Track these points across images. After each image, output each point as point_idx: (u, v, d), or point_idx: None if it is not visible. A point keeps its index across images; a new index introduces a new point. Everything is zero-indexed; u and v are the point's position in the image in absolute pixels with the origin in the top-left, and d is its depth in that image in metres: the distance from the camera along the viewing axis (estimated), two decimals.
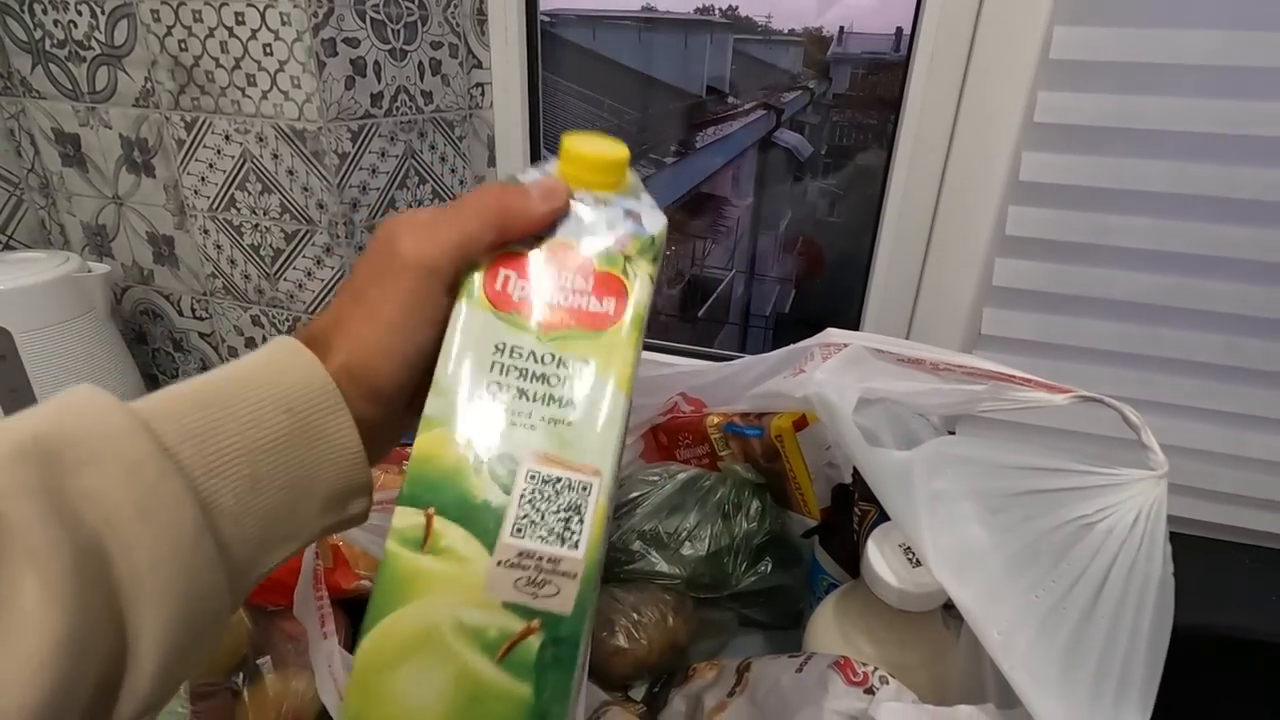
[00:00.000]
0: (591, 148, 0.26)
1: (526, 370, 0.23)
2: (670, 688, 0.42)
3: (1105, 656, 0.25)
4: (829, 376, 0.33)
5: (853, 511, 0.40)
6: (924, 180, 0.68)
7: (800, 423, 0.44)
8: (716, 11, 0.74)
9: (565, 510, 0.21)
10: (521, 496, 0.21)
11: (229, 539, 0.20)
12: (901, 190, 0.70)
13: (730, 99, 0.75)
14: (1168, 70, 0.56)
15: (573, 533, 0.21)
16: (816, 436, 0.48)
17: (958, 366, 0.34)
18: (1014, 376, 0.33)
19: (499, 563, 0.21)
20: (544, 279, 0.24)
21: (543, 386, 0.23)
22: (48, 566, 0.16)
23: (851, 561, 0.43)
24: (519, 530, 0.21)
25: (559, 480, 0.21)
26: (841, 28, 0.69)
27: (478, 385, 0.23)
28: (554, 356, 0.23)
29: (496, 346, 0.23)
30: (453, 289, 0.24)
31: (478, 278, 0.24)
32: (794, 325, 0.82)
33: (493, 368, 0.23)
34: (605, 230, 0.26)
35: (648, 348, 0.26)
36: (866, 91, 0.69)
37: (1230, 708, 0.57)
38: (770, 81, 0.73)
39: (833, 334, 0.38)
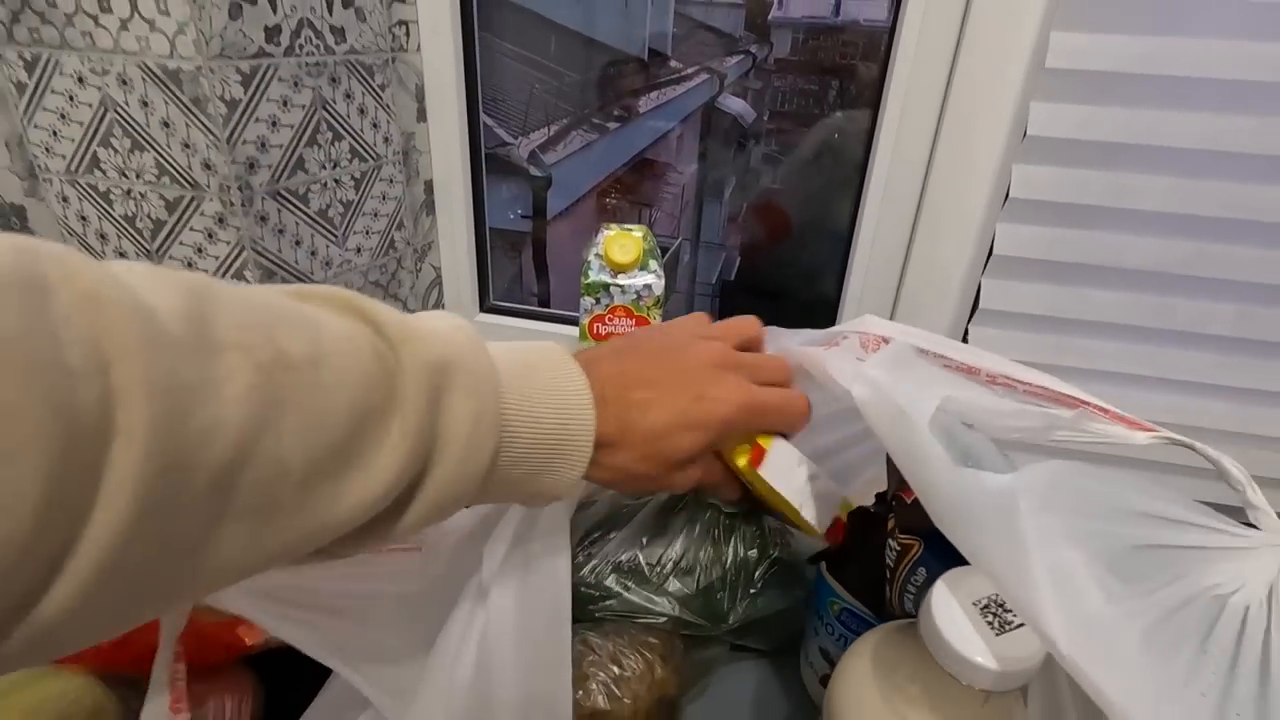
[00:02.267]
0: (623, 256, 0.55)
1: None
2: None
3: None
4: (884, 376, 0.26)
5: (884, 543, 0.32)
6: (914, 140, 0.60)
7: (756, 457, 0.35)
8: None
9: None
10: None
11: (489, 481, 0.28)
12: (889, 151, 0.62)
13: (673, 63, 0.71)
14: (1197, 7, 0.49)
15: None
16: (779, 462, 0.39)
17: (1022, 383, 0.27)
18: (1093, 404, 0.26)
19: None
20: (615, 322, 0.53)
21: None
22: (409, 433, 0.24)
23: (873, 593, 0.36)
24: None
25: None
26: None
27: None
28: None
29: None
30: None
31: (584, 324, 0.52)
32: (741, 293, 0.81)
33: None
34: (635, 294, 0.55)
35: None
36: (808, 56, 0.68)
37: None
38: (712, 46, 0.70)
39: (871, 321, 0.30)
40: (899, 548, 0.31)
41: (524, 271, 0.83)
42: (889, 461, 0.34)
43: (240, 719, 0.40)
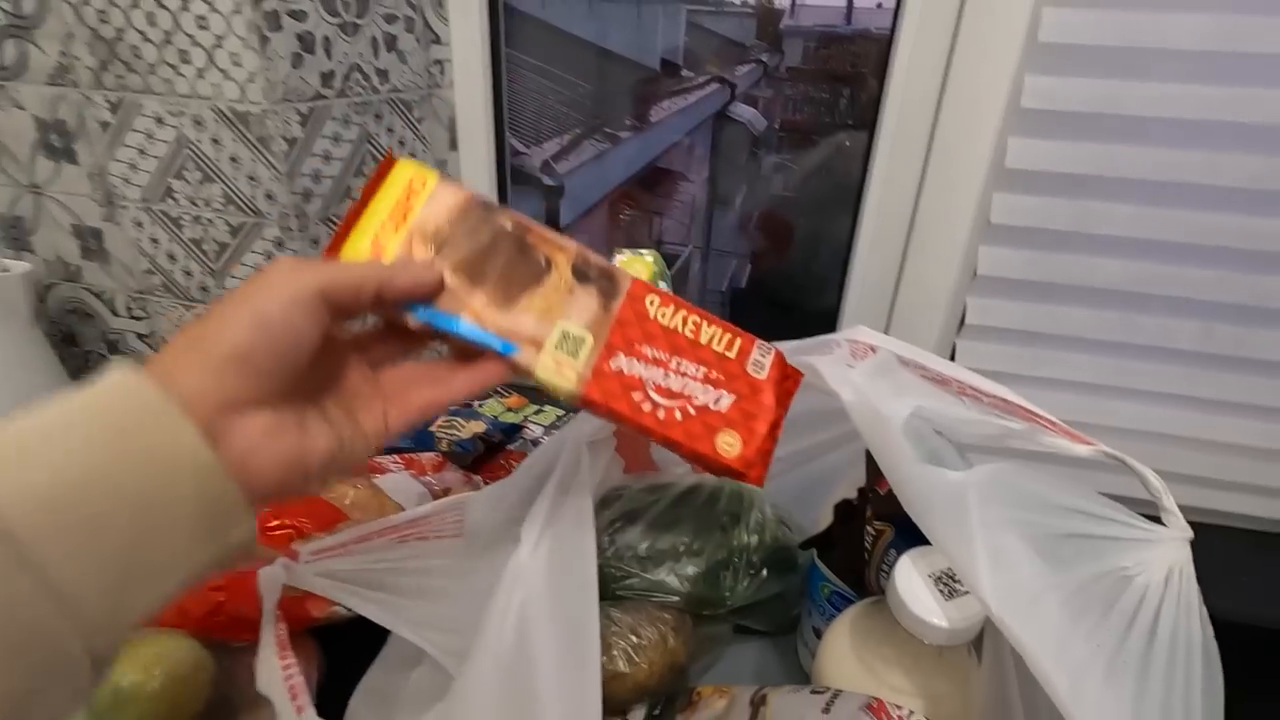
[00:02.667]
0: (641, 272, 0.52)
1: None
2: (673, 713, 0.40)
3: (1166, 713, 0.24)
4: (868, 383, 0.31)
5: (862, 529, 0.38)
6: (906, 166, 0.66)
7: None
8: None
9: None
10: None
11: (71, 593, 0.19)
12: (883, 176, 0.68)
13: (685, 72, 0.74)
14: (1154, 55, 0.55)
15: None
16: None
17: (987, 395, 0.33)
18: (1043, 418, 0.32)
19: None
20: None
21: None
22: None
23: (855, 577, 0.42)
24: None
25: None
26: (793, 0, 0.68)
27: None
28: None
29: None
30: (311, 313, 0.25)
31: None
32: (751, 302, 0.83)
33: None
34: None
35: None
36: (819, 64, 0.69)
37: None
38: (724, 55, 0.72)
39: (863, 331, 0.36)
40: (874, 533, 0.36)
41: None
42: (868, 458, 0.40)
43: (307, 682, 0.46)
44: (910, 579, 0.31)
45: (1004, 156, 0.60)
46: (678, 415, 0.30)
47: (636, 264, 0.66)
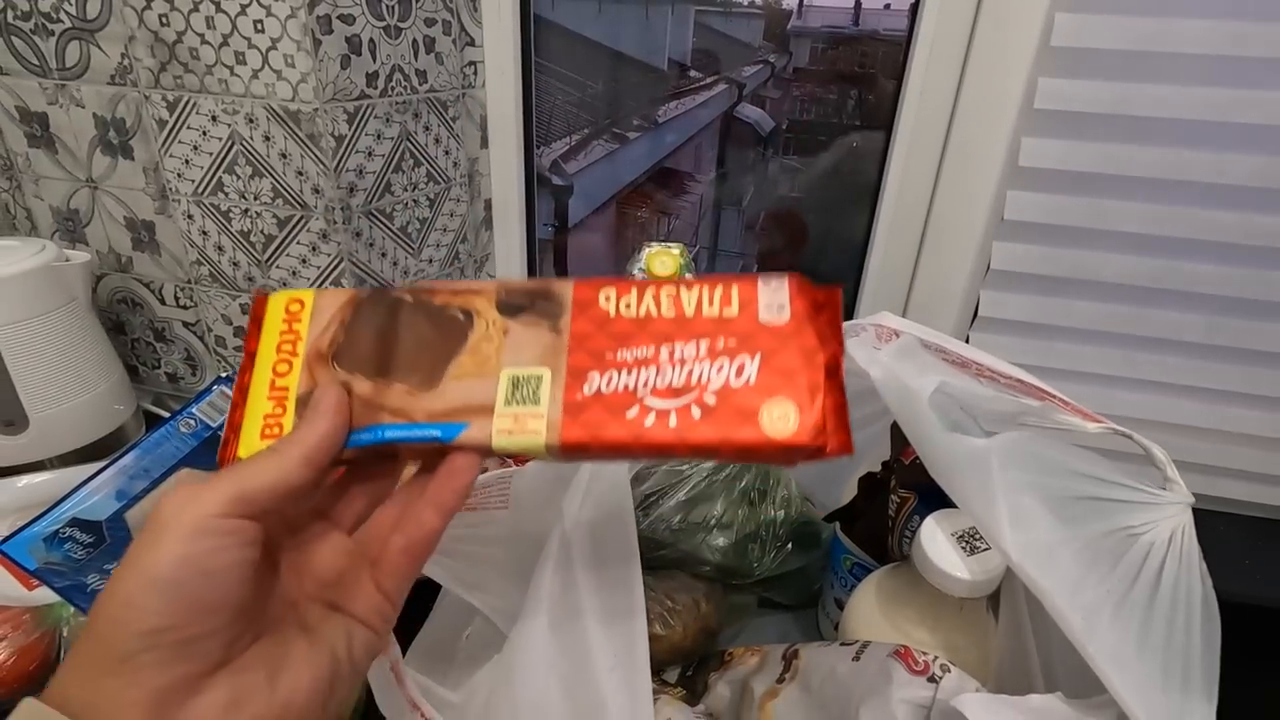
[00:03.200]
0: (663, 270, 0.59)
1: None
2: (707, 672, 0.43)
3: (1168, 652, 0.27)
4: (895, 362, 0.34)
5: (888, 498, 0.41)
6: (923, 165, 0.69)
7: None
8: None
9: None
10: None
11: None
12: (900, 174, 0.70)
13: (692, 73, 0.75)
14: (1164, 58, 0.57)
15: None
16: None
17: (1004, 376, 0.35)
18: (1057, 397, 0.34)
19: None
20: None
21: None
22: None
23: (877, 547, 0.44)
24: None
25: None
26: (800, 0, 0.69)
27: None
28: None
29: None
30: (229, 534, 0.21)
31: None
32: None
33: None
34: None
35: None
36: (826, 65, 0.69)
37: None
38: (731, 55, 0.73)
39: (886, 317, 0.38)
40: (899, 500, 0.39)
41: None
42: (893, 432, 0.42)
43: None
44: (935, 537, 0.33)
45: (1017, 155, 0.63)
46: (695, 412, 0.23)
47: (664, 256, 0.69)
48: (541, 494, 0.45)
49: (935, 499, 0.37)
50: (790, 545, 0.49)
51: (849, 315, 0.81)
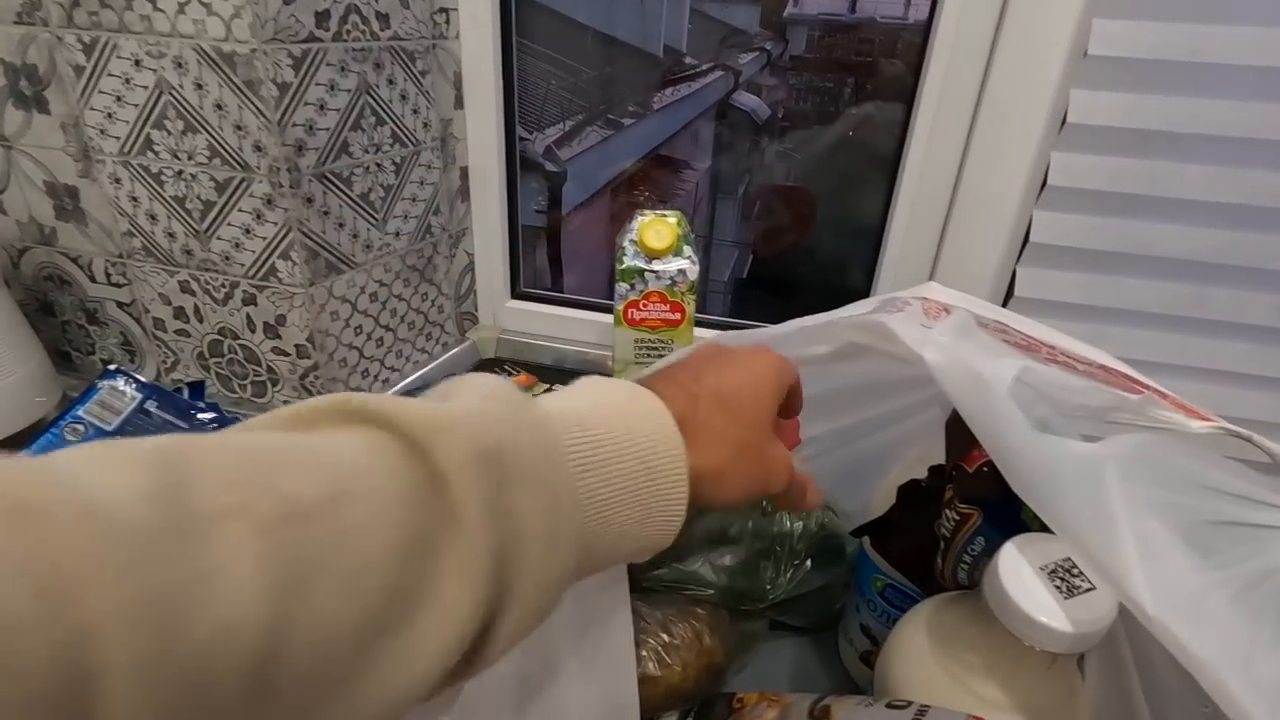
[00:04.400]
0: (658, 241, 0.60)
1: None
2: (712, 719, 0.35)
3: None
4: (955, 343, 0.26)
5: (936, 514, 0.33)
6: (951, 128, 0.61)
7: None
8: None
9: None
10: None
11: (583, 560, 0.24)
12: (925, 138, 0.62)
13: (688, 59, 0.73)
14: None
15: None
16: None
17: (1082, 362, 0.28)
18: (1152, 388, 0.27)
19: None
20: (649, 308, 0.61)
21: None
22: (474, 550, 0.20)
23: (918, 568, 0.37)
24: None
25: None
26: None
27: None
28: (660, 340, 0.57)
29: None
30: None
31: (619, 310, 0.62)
32: (754, 291, 0.83)
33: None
34: (669, 279, 0.61)
35: None
36: (823, 53, 0.68)
37: None
38: (727, 42, 0.71)
39: (934, 289, 0.31)
40: (957, 517, 0.31)
41: (538, 264, 0.85)
42: (949, 431, 0.34)
43: None
44: (1019, 572, 0.25)
45: (1065, 111, 0.55)
46: None
47: (659, 226, 0.61)
48: None
49: (1005, 517, 0.29)
50: (810, 562, 0.42)
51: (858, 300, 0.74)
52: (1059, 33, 0.54)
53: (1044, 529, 0.31)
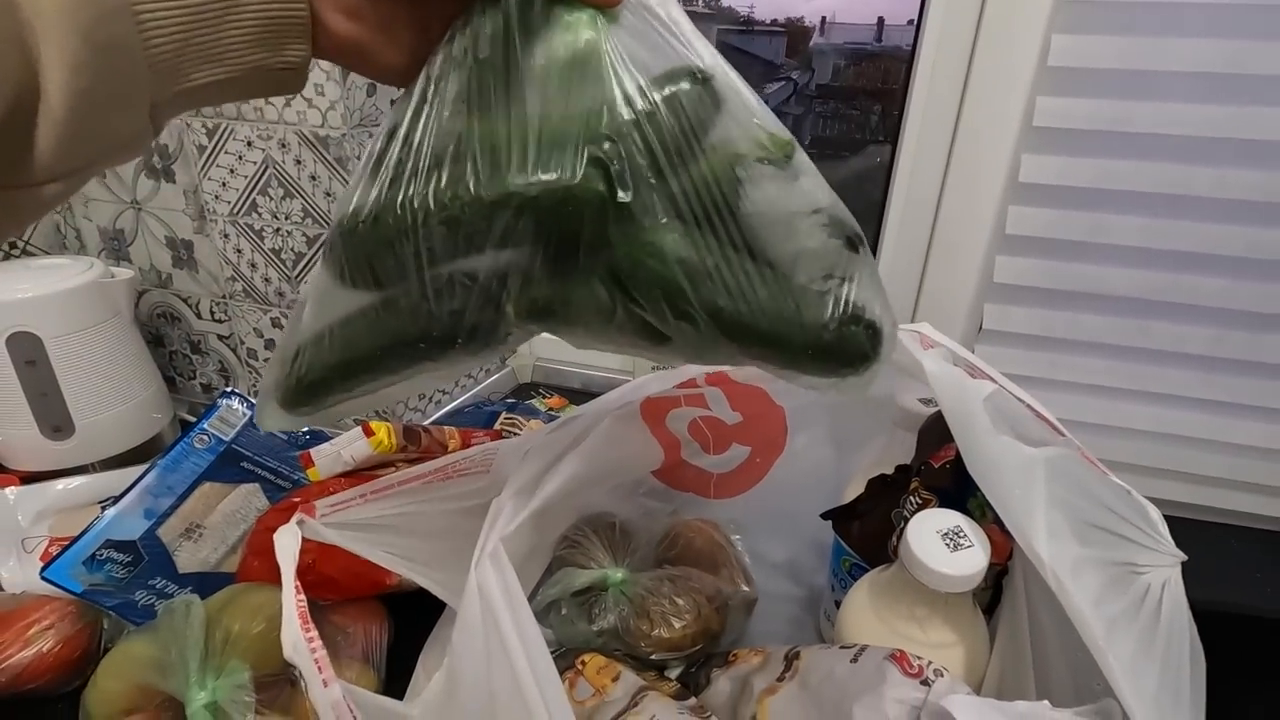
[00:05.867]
0: None
1: None
2: (710, 669, 0.44)
3: (1166, 674, 0.29)
4: (946, 364, 0.36)
5: (896, 501, 0.42)
6: (927, 180, 0.71)
7: None
8: (699, 1, 0.74)
9: None
10: None
11: (149, 19, 0.21)
12: (905, 191, 0.72)
13: None
14: (1161, 76, 0.58)
15: None
16: None
17: (1028, 407, 0.37)
18: (1074, 443, 0.36)
19: None
20: None
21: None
22: None
23: (869, 547, 0.46)
24: None
25: None
26: (824, 18, 0.70)
27: None
28: None
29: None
30: None
31: None
32: None
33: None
34: None
35: None
36: (849, 82, 0.71)
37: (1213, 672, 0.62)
38: (753, 72, 0.75)
39: (927, 328, 0.40)
40: (920, 501, 0.41)
41: None
42: (921, 437, 0.44)
43: (379, 642, 0.52)
44: (921, 534, 0.35)
45: (1018, 171, 0.64)
46: None
47: None
48: (522, 457, 0.46)
49: (956, 504, 0.38)
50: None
51: None
52: (1011, 105, 0.63)
53: (983, 515, 0.40)
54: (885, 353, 0.30)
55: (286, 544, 0.37)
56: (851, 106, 0.71)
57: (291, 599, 0.35)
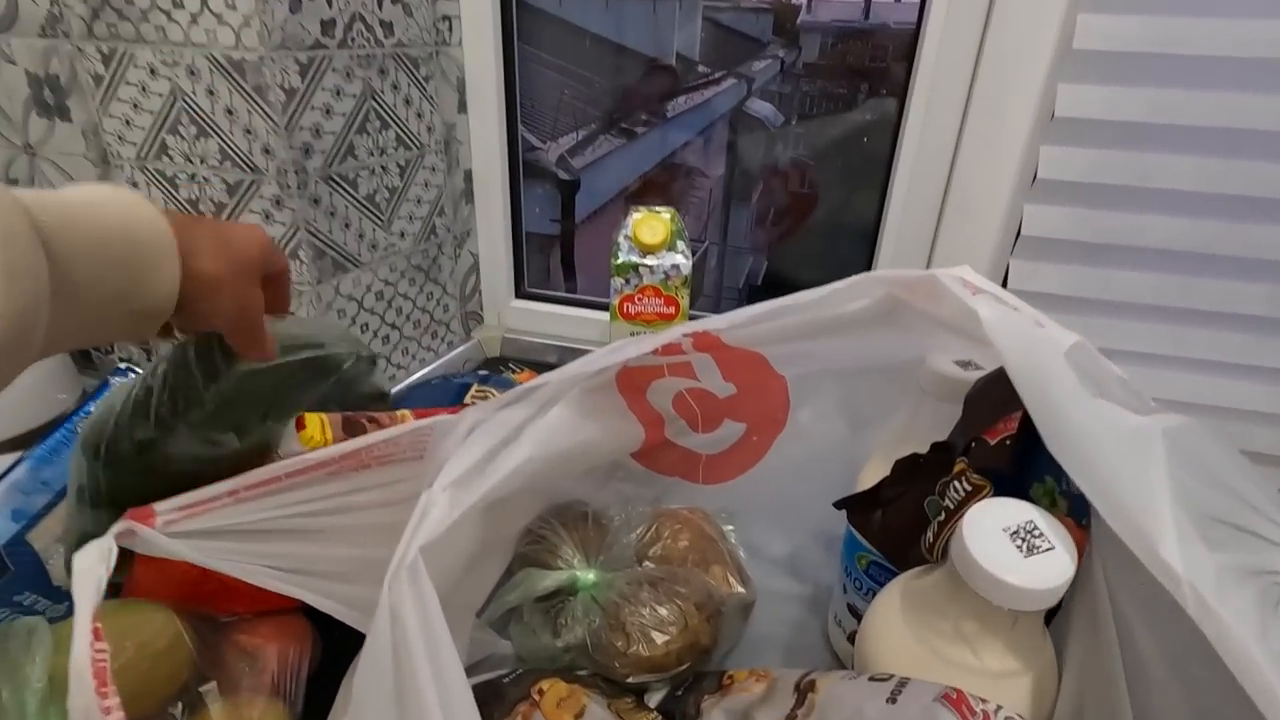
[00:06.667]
0: (651, 237, 0.62)
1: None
2: (700, 695, 0.36)
3: None
4: (1006, 309, 0.27)
5: (946, 485, 0.33)
6: (942, 122, 0.62)
7: None
8: None
9: None
10: None
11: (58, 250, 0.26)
12: (917, 134, 0.63)
13: (701, 68, 0.74)
14: None
15: None
16: None
17: None
18: None
19: None
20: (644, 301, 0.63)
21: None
22: None
23: (893, 542, 0.37)
24: None
25: None
26: None
27: None
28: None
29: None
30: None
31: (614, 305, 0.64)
32: (768, 297, 0.84)
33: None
34: (663, 274, 0.62)
35: None
36: (836, 60, 0.69)
37: None
38: (740, 50, 0.72)
39: (969, 273, 0.31)
40: (969, 488, 0.32)
41: (552, 271, 0.86)
42: (970, 406, 0.35)
43: (296, 667, 0.43)
44: (982, 533, 0.26)
45: (1053, 105, 0.56)
46: None
47: (652, 222, 0.63)
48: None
49: (1015, 493, 0.30)
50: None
51: None
52: (1045, 27, 0.55)
53: (1053, 506, 0.32)
54: None
55: (88, 569, 0.27)
56: (839, 85, 0.70)
57: (86, 649, 0.24)
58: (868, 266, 0.72)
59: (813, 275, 0.79)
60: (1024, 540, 0.26)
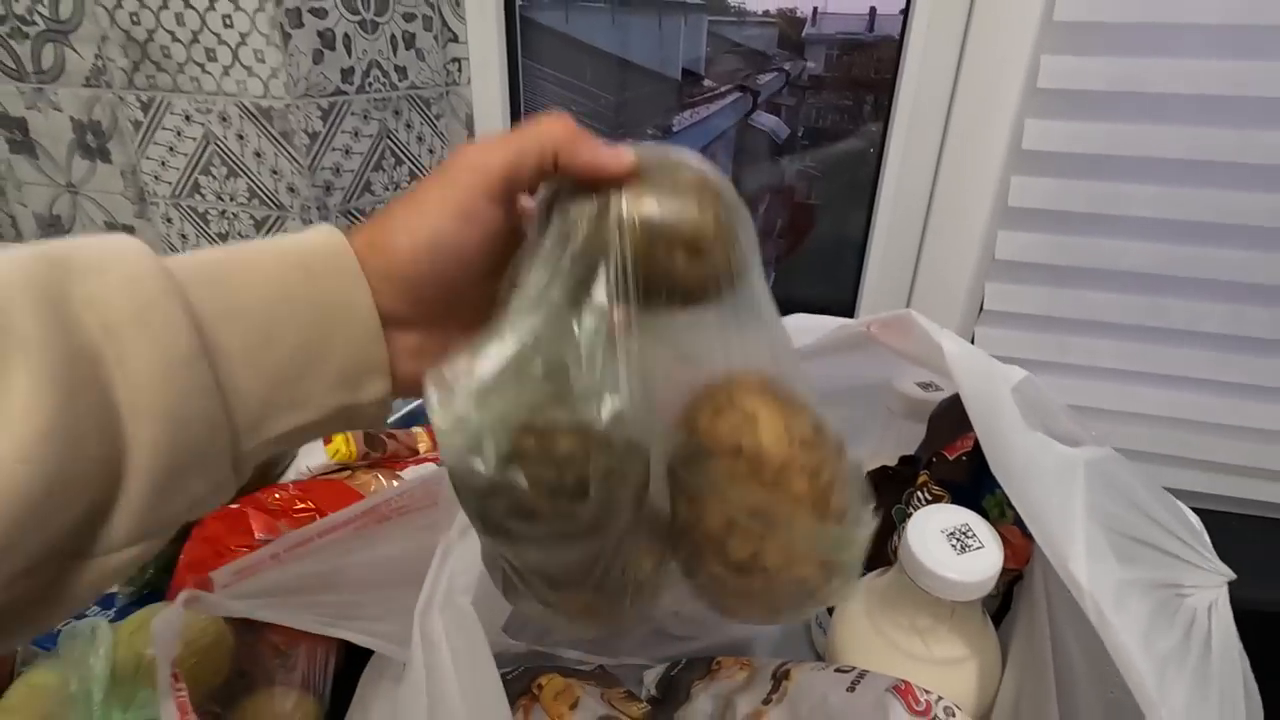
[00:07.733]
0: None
1: None
2: (691, 678, 0.39)
3: None
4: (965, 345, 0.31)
5: (910, 494, 0.37)
6: (921, 152, 0.66)
7: None
8: None
9: None
10: None
11: (233, 385, 0.21)
12: (899, 163, 0.67)
13: (706, 82, 0.74)
14: (1175, 31, 0.54)
15: None
16: None
17: None
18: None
19: None
20: None
21: None
22: (40, 359, 0.17)
23: (875, 550, 0.41)
24: None
25: None
26: (815, 8, 0.69)
27: None
28: None
29: None
30: (500, 201, 0.24)
31: None
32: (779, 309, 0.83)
33: None
34: None
35: None
36: (842, 72, 0.69)
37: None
38: (746, 64, 0.72)
39: (914, 314, 0.35)
40: (930, 497, 0.36)
41: None
42: (933, 424, 0.39)
43: (325, 665, 0.47)
44: (924, 534, 0.30)
45: (1021, 139, 0.59)
46: None
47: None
48: None
49: (969, 503, 0.34)
50: None
51: (850, 315, 0.78)
52: (1012, 65, 0.59)
53: (1002, 516, 0.35)
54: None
55: (165, 632, 0.30)
56: (845, 97, 0.70)
57: (170, 695, 0.29)
58: (856, 284, 0.76)
59: (818, 290, 0.82)
60: (959, 540, 0.30)
